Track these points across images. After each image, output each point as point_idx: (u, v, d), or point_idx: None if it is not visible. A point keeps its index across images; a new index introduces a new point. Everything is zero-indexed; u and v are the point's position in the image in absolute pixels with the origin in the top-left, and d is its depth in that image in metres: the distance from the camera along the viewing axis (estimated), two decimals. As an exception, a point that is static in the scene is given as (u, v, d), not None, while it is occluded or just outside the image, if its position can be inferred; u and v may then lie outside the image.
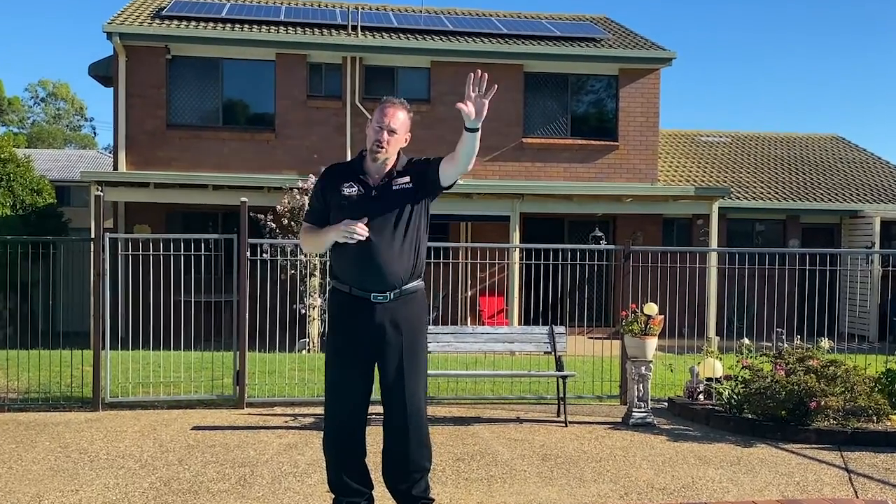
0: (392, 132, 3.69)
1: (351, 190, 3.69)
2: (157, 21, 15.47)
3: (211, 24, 15.60)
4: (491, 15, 18.42)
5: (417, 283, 3.74)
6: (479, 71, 3.53)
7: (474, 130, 3.59)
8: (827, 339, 7.61)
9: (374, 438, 3.95)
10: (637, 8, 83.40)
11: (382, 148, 3.67)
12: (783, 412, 6.39)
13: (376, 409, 3.77)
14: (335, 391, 3.72)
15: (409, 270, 3.69)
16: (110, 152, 31.61)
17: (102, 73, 16.37)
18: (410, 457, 3.72)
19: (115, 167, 15.11)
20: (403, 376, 3.68)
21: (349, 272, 3.68)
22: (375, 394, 3.77)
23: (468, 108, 3.55)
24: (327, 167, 3.88)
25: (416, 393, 3.71)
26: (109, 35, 14.67)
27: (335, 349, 3.73)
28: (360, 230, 3.55)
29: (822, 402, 6.27)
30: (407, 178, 3.75)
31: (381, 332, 3.66)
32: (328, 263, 4.00)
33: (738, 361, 7.11)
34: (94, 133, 58.79)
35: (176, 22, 15.54)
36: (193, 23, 15.60)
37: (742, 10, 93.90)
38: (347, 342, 3.69)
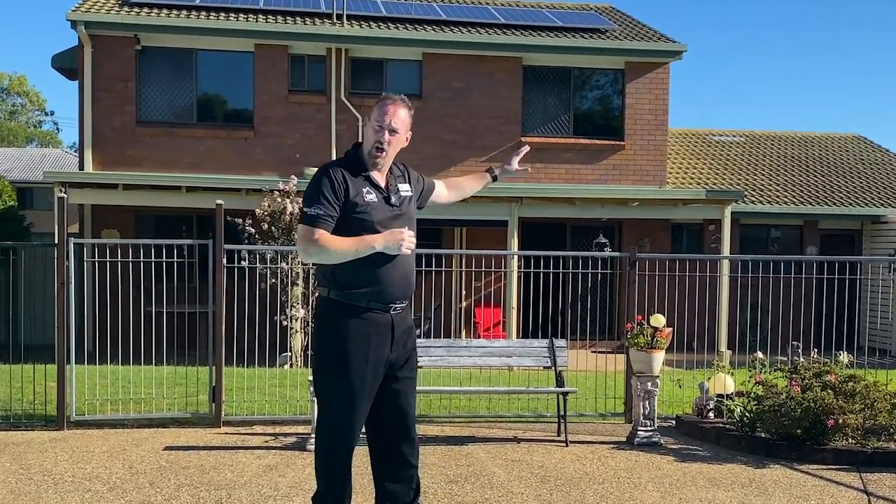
0: (393, 132, 3.75)
1: (371, 196, 3.71)
2: (126, 9, 15.52)
3: (184, 13, 15.65)
4: (488, 3, 18.55)
5: None
6: (528, 147, 4.18)
7: (496, 180, 4.37)
8: (846, 352, 7.71)
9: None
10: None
11: (383, 150, 3.74)
12: (799, 431, 6.48)
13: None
14: (353, 410, 3.70)
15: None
16: (75, 151, 31.59)
17: (67, 65, 16.40)
18: (413, 463, 3.87)
19: (81, 167, 15.14)
20: (411, 384, 3.88)
21: (371, 283, 3.67)
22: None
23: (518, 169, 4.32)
24: (332, 167, 3.74)
25: (415, 402, 3.96)
26: (74, 24, 14.70)
27: (353, 367, 3.68)
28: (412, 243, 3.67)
29: (841, 420, 6.36)
30: (408, 186, 3.90)
31: (399, 342, 3.79)
32: (311, 273, 3.99)
33: (750, 377, 7.20)
34: (58, 130, 58.71)
35: (146, 10, 15.59)
36: (165, 10, 15.65)
37: (756, 2, 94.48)
38: (366, 356, 3.69)
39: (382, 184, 3.78)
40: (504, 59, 16.05)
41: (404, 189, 3.86)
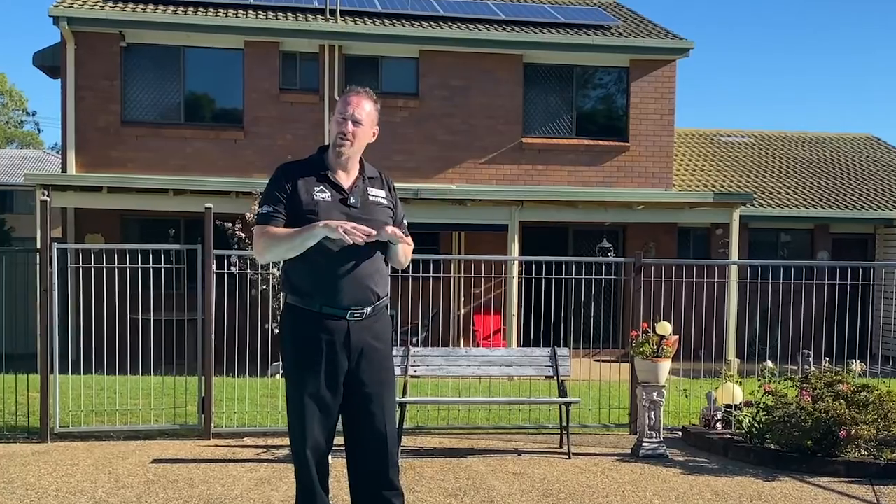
0: (357, 123, 3.75)
1: (324, 195, 3.71)
2: (111, 4, 15.57)
3: (171, 8, 15.70)
4: (486, -1, 18.61)
5: (386, 298, 3.87)
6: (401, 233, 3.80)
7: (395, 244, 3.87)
8: (858, 361, 7.77)
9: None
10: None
11: (347, 140, 3.74)
12: (809, 442, 6.53)
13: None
14: (309, 416, 3.72)
15: (384, 285, 3.83)
16: (58, 152, 31.67)
17: (48, 62, 16.44)
18: (391, 479, 3.82)
19: (64, 169, 15.18)
20: (383, 395, 3.81)
21: (321, 286, 3.68)
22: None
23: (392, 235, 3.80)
24: (283, 165, 3.87)
25: (393, 413, 3.90)
26: (56, 19, 14.72)
27: (305, 374, 3.72)
28: (364, 233, 3.53)
29: (853, 431, 6.41)
30: (383, 193, 3.86)
31: (358, 351, 3.73)
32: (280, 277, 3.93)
33: (759, 386, 7.26)
34: (39, 130, 58.74)
35: (132, 5, 15.64)
36: (151, 6, 15.70)
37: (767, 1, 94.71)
38: (320, 364, 3.69)
39: (346, 184, 3.77)
40: (504, 56, 16.12)
41: (377, 193, 3.82)
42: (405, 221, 4.01)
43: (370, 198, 3.79)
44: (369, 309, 3.74)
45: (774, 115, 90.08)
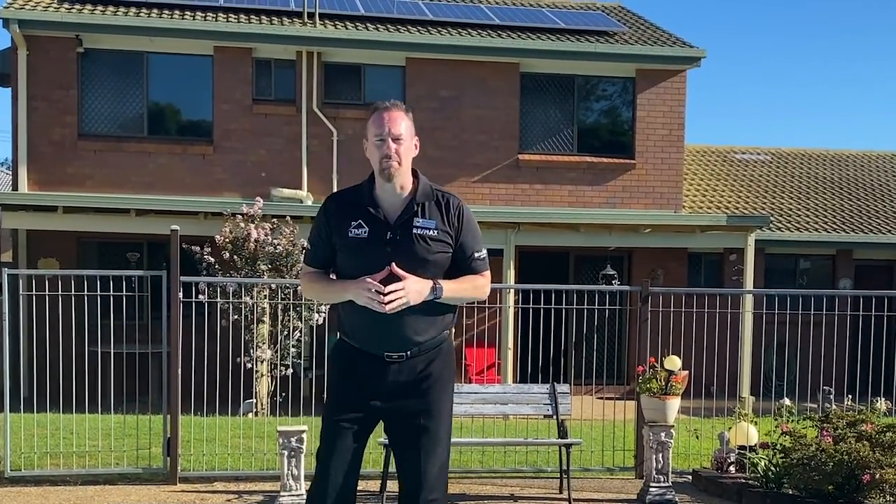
0: (398, 140, 3.80)
1: (359, 231, 3.78)
2: (67, 5, 15.66)
3: (133, 10, 15.79)
4: (481, 2, 18.81)
5: (443, 335, 3.92)
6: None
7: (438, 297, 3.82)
8: (884, 399, 7.90)
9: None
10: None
11: (394, 161, 3.78)
12: (830, 487, 6.63)
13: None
14: (329, 443, 3.84)
15: (435, 327, 3.86)
16: (8, 168, 31.61)
17: (-2, 69, 16.54)
18: None
19: (15, 187, 15.21)
20: (424, 436, 3.87)
21: (357, 330, 3.85)
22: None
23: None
24: (330, 196, 4.02)
25: (436, 456, 3.87)
26: (6, 22, 14.78)
27: (336, 399, 3.90)
28: (387, 301, 3.60)
29: (878, 475, 6.50)
30: (433, 224, 3.83)
31: (394, 386, 3.84)
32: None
33: (776, 426, 7.36)
34: (-16, 143, 58.60)
35: (90, 6, 15.73)
36: (111, 8, 15.76)
37: (784, 2, 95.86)
38: (351, 389, 3.85)
39: (393, 216, 3.81)
40: (499, 64, 16.29)
41: (425, 225, 3.81)
42: (479, 254, 3.92)
43: (414, 231, 3.79)
44: (413, 350, 3.83)
45: (793, 131, 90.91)
